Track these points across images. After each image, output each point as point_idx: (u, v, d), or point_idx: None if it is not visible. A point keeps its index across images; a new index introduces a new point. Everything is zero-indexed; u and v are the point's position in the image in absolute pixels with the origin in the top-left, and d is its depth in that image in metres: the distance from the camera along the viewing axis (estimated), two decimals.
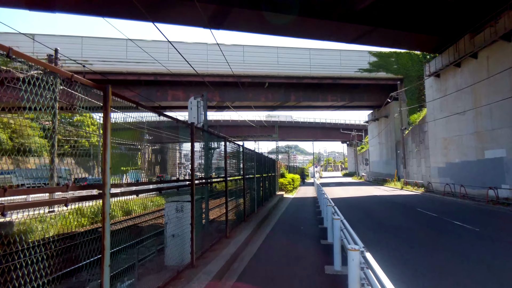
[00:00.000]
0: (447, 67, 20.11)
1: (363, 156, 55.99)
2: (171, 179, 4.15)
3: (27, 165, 35.71)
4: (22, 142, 38.05)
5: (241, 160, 8.75)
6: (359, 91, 36.07)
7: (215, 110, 41.27)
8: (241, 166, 8.72)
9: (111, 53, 28.07)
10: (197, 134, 7.24)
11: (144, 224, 13.38)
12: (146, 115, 3.66)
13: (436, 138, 22.54)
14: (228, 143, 7.57)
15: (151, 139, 4.65)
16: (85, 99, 2.65)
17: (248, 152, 11.23)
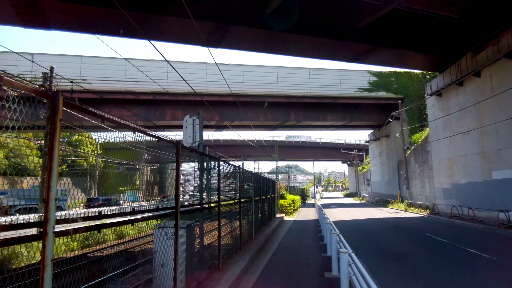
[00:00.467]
0: (449, 86, 19.79)
1: (364, 177, 55.17)
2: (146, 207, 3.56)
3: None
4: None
5: (238, 182, 8.12)
6: (359, 110, 35.80)
7: (214, 130, 40.92)
8: (237, 188, 8.09)
9: (110, 72, 27.92)
10: (187, 154, 6.69)
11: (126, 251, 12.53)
12: (121, 134, 3.11)
13: (439, 158, 21.96)
14: (222, 164, 6.98)
15: (132, 160, 4.08)
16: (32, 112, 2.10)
17: (246, 173, 10.62)
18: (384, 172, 39.85)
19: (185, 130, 10.59)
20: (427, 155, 24.44)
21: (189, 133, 10.50)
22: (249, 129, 38.19)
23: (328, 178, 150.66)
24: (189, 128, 10.52)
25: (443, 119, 20.96)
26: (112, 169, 16.18)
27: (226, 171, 8.34)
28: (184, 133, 10.59)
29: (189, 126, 10.53)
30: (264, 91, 31.40)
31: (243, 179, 9.40)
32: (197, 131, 10.50)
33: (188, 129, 10.52)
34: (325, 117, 35.32)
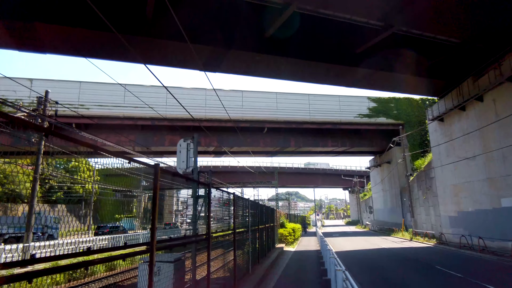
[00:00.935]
0: (451, 111, 19.46)
1: (366, 204, 53.97)
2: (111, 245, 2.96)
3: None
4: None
5: (232, 211, 7.47)
6: (360, 136, 35.44)
7: (213, 156, 40.39)
8: (231, 218, 7.42)
9: (108, 98, 27.78)
10: (175, 179, 6.10)
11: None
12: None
13: (444, 184, 21.25)
14: (214, 191, 6.38)
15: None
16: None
17: (241, 201, 9.95)
18: (386, 199, 38.89)
19: (178, 154, 10.04)
20: (431, 181, 23.74)
21: (183, 158, 9.95)
22: (248, 155, 37.67)
23: (329, 205, 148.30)
24: (183, 153, 9.98)
25: (446, 144, 20.48)
26: (109, 196, 14.94)
27: (219, 198, 7.71)
28: (178, 158, 10.04)
29: (183, 151, 9.99)
30: (263, 116, 31.18)
31: (239, 207, 8.74)
32: (191, 155, 9.96)
33: (182, 154, 9.98)
34: (326, 143, 34.90)
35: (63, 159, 46.87)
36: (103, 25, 11.60)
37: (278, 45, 14.66)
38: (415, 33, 14.44)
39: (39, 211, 21.84)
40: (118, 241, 21.60)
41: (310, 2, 11.99)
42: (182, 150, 10.03)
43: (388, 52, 16.41)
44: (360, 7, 12.60)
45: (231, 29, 13.86)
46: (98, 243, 20.18)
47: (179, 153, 10.07)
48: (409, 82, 19.22)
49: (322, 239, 16.09)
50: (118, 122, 27.92)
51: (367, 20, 13.17)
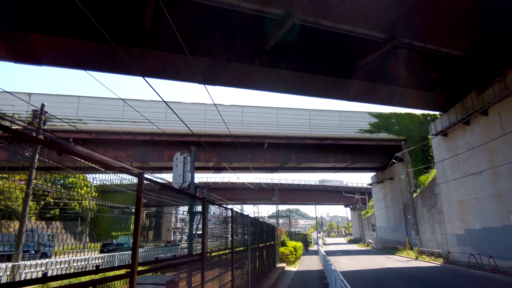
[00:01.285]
0: (455, 125, 19.09)
1: (369, 221, 52.94)
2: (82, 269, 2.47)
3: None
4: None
5: (230, 229, 6.94)
6: (361, 152, 35.01)
7: (213, 172, 39.86)
8: (229, 235, 6.89)
9: (107, 113, 27.51)
10: (170, 194, 5.61)
11: None
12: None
13: (450, 201, 20.64)
14: (211, 207, 5.88)
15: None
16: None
17: (240, 217, 9.40)
18: (389, 217, 38.04)
19: (175, 168, 9.60)
20: (435, 198, 23.12)
21: (179, 172, 9.50)
22: (248, 171, 37.12)
23: (331, 223, 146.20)
24: (179, 167, 9.53)
25: (451, 159, 20.00)
26: (106, 213, 14.15)
27: (216, 215, 7.19)
28: (174, 172, 9.59)
29: (180, 164, 9.55)
30: (263, 132, 30.85)
31: (238, 224, 8.20)
32: (188, 169, 9.50)
33: (178, 168, 9.53)
34: (327, 159, 34.44)
35: (60, 175, 46.34)
36: (100, 36, 11.38)
37: (278, 57, 14.43)
38: (418, 46, 14.22)
39: (31, 228, 21.15)
40: (118, 259, 20.77)
41: (311, 13, 11.80)
42: (178, 163, 9.59)
43: (390, 65, 16.21)
44: (362, 18, 12.40)
45: (230, 41, 13.66)
46: (91, 262, 19.37)
47: (175, 166, 9.63)
48: (412, 96, 18.94)
49: (325, 258, 15.40)
50: (116, 137, 27.56)
51: (369, 32, 12.96)
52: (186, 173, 9.40)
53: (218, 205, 6.52)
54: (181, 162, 9.46)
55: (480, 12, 12.59)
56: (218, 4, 11.01)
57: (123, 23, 11.96)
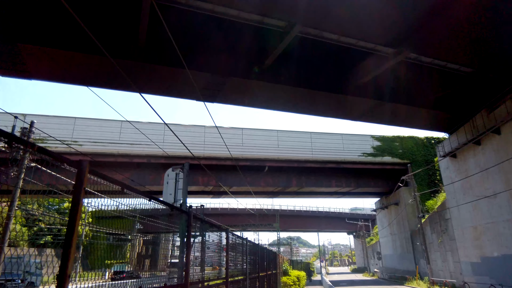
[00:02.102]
0: (464, 146, 18.24)
1: (373, 249, 50.83)
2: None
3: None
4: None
5: (224, 254, 5.92)
6: (365, 176, 33.99)
7: (212, 197, 38.59)
8: (223, 262, 5.85)
9: (103, 134, 26.81)
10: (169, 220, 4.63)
11: None
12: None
13: (463, 226, 19.41)
14: (197, 223, 4.92)
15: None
16: None
17: (237, 241, 8.34)
18: (396, 244, 36.35)
19: (165, 186, 8.65)
20: (446, 223, 21.86)
21: (170, 190, 8.54)
22: (249, 196, 35.88)
23: (333, 251, 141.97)
24: (171, 184, 8.59)
25: (462, 182, 18.98)
26: (101, 240, 12.71)
27: (210, 238, 6.18)
28: (165, 190, 8.63)
29: (171, 182, 8.61)
30: (264, 155, 30.02)
31: (234, 249, 7.16)
32: (180, 187, 8.56)
33: (169, 185, 8.59)
34: (329, 183, 33.36)
35: (56, 199, 45.09)
36: (93, 48, 10.83)
37: (278, 72, 13.85)
38: (425, 62, 13.64)
39: (17, 255, 19.83)
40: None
41: (313, 25, 11.28)
42: (169, 180, 8.66)
43: (395, 82, 15.60)
44: (367, 31, 11.89)
45: (229, 57, 13.11)
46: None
47: (166, 184, 8.69)
48: (417, 115, 18.24)
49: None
50: (112, 159, 26.72)
51: (374, 45, 12.41)
52: (177, 191, 8.45)
53: (210, 224, 5.55)
54: (172, 179, 8.54)
55: (490, 26, 12.09)
56: (217, 14, 10.49)
57: (119, 38, 11.42)
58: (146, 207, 4.35)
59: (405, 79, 15.37)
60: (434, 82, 15.80)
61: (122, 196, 3.53)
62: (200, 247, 5.94)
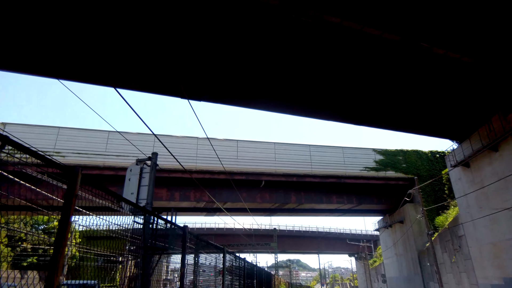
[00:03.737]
0: (479, 153, 16.57)
1: (377, 271, 48.08)
2: None
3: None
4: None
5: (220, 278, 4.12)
6: (367, 192, 32.10)
7: (205, 214, 36.40)
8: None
9: (89, 145, 25.10)
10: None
11: None
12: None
13: (480, 243, 17.44)
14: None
15: None
16: None
17: (234, 264, 6.47)
18: (401, 266, 33.92)
19: (127, 183, 6.87)
20: (459, 241, 19.86)
21: (132, 188, 6.77)
22: (244, 213, 33.75)
23: (334, 274, 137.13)
24: (133, 181, 6.83)
25: (477, 194, 17.18)
26: (90, 261, 11.15)
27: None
28: (126, 188, 6.85)
29: (134, 178, 6.85)
30: (260, 168, 28.24)
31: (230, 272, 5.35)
32: (145, 183, 6.80)
33: (132, 183, 6.82)
34: (330, 199, 31.40)
35: (43, 217, 42.77)
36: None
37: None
38: (438, 54, 12.17)
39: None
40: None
41: (310, 6, 9.87)
42: (132, 177, 6.89)
43: (404, 76, 14.09)
44: (373, 14, 10.47)
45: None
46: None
47: (127, 181, 6.92)
48: (425, 120, 16.67)
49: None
50: (97, 172, 24.89)
51: (380, 32, 10.98)
52: (141, 189, 6.68)
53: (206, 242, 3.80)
54: (136, 175, 6.78)
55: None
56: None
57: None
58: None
59: (413, 73, 13.87)
60: (444, 83, 14.30)
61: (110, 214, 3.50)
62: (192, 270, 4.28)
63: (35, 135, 24.36)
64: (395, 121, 16.48)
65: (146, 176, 6.77)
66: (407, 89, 13.86)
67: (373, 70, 12.56)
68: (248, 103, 14.38)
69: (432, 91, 14.04)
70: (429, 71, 12.71)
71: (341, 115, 15.58)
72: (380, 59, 12.03)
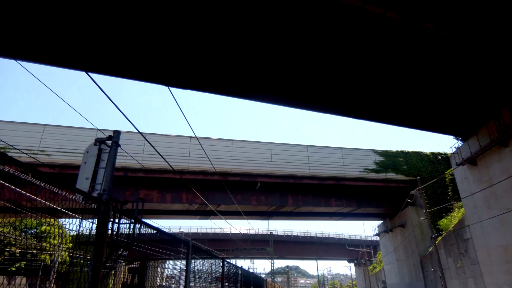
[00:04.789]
0: (487, 149, 15.48)
1: (377, 278, 46.70)
2: None
3: None
4: None
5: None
6: (367, 195, 30.98)
7: (199, 218, 35.08)
8: None
9: (75, 144, 23.92)
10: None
11: None
12: None
13: (488, 247, 16.27)
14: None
15: None
16: None
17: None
18: (403, 272, 32.64)
19: (82, 167, 5.70)
20: (466, 244, 18.68)
21: (87, 172, 5.62)
22: (239, 217, 32.48)
23: (333, 281, 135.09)
24: (90, 164, 5.67)
25: (485, 193, 16.06)
26: (82, 267, 10.51)
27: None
28: (81, 172, 5.69)
29: (90, 161, 5.70)
30: (256, 169, 27.11)
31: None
32: (103, 166, 5.65)
33: (88, 166, 5.65)
34: (329, 202, 30.21)
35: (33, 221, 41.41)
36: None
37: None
38: (444, 36, 11.14)
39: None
40: None
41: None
42: (88, 159, 5.72)
43: (404, 71, 13.06)
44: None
45: None
46: None
47: (83, 164, 5.75)
48: (428, 114, 15.59)
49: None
50: None
51: (384, 11, 9.94)
52: (99, 171, 5.54)
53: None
54: (93, 157, 5.64)
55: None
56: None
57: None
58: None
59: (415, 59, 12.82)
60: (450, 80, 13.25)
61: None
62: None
63: (21, 132, 23.26)
64: (396, 115, 15.41)
65: (106, 159, 5.63)
66: (410, 80, 12.80)
67: (372, 57, 11.51)
68: (245, 95, 13.30)
69: (437, 82, 12.99)
70: (433, 59, 11.66)
71: (340, 108, 14.50)
72: (381, 44, 10.98)
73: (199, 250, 6.46)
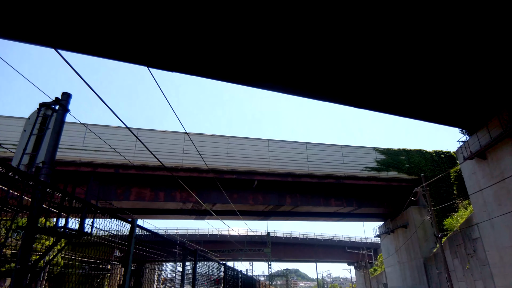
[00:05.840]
0: (499, 141, 14.40)
1: (378, 281, 45.44)
2: None
3: None
4: None
5: None
6: (367, 195, 29.92)
7: (194, 218, 33.95)
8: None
9: (65, 139, 22.76)
10: None
11: None
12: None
13: (499, 247, 15.16)
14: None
15: None
16: None
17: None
18: (405, 274, 31.48)
19: (22, 137, 4.64)
20: (474, 244, 17.56)
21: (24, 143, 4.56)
22: (236, 217, 31.34)
23: (333, 284, 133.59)
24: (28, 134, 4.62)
25: (495, 188, 14.98)
26: (76, 269, 9.07)
27: None
28: (20, 143, 4.62)
29: (28, 128, 4.65)
30: (253, 167, 26.05)
31: None
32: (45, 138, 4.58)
33: (25, 136, 4.61)
34: (328, 202, 29.12)
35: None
36: None
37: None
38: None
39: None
40: None
41: None
42: (28, 127, 4.67)
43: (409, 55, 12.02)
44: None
45: None
46: None
47: (23, 133, 4.69)
48: (434, 105, 14.55)
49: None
50: (73, 168, 22.62)
51: None
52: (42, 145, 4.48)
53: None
54: (32, 124, 4.57)
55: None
56: None
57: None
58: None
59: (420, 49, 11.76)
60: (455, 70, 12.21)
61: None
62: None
63: (6, 127, 22.23)
64: (402, 105, 14.34)
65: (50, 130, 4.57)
66: (417, 69, 11.76)
67: (374, 41, 10.47)
68: (244, 81, 12.28)
69: (446, 70, 11.95)
70: (440, 41, 10.60)
71: (341, 96, 13.45)
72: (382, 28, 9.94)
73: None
